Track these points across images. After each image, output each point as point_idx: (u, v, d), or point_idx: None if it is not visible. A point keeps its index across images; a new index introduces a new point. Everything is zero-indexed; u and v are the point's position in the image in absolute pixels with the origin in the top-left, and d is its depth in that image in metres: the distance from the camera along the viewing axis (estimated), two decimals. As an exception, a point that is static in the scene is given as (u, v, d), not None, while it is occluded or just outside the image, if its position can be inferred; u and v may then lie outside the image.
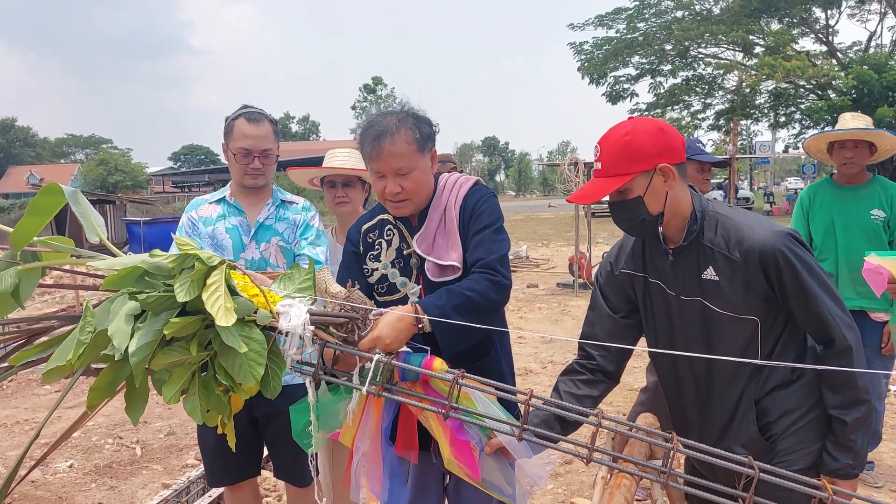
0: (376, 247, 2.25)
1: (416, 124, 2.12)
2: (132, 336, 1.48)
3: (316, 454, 1.95)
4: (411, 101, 2.19)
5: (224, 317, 1.51)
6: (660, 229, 1.97)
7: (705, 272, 1.95)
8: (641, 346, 2.22)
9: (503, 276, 2.06)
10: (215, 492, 3.81)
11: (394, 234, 2.23)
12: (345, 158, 3.25)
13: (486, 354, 2.20)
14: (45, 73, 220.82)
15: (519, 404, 1.78)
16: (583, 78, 27.23)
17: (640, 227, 1.98)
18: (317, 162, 3.68)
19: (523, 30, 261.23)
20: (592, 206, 12.49)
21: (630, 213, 1.95)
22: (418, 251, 2.16)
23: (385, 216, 2.27)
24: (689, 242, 1.97)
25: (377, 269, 2.23)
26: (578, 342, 2.19)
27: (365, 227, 2.30)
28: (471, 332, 1.91)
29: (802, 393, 1.98)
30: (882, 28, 28.22)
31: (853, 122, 3.90)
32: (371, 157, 2.11)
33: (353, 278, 2.15)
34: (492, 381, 1.79)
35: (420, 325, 1.91)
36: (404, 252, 2.20)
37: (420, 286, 2.17)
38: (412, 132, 2.10)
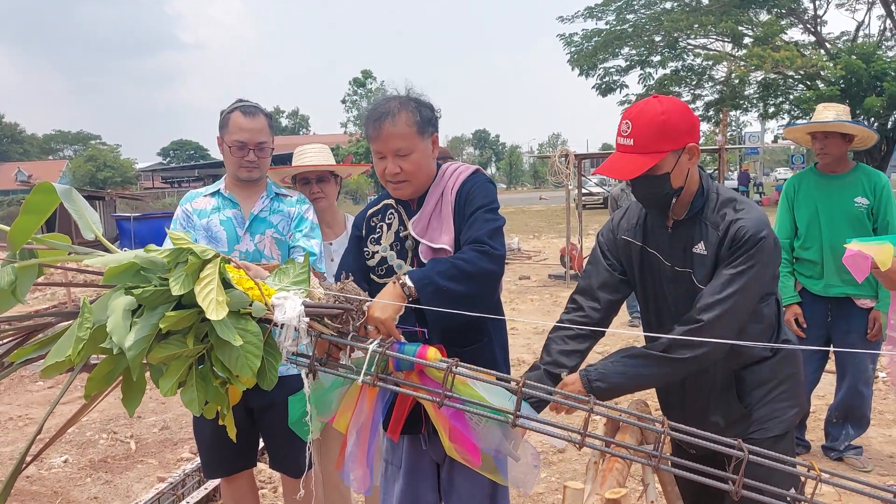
0: (377, 230, 2.31)
1: (417, 108, 2.17)
2: (130, 331, 1.49)
3: (310, 446, 1.97)
4: (415, 88, 2.25)
5: (215, 310, 1.53)
6: (673, 201, 2.07)
7: (696, 246, 2.07)
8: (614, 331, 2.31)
9: (492, 247, 2.08)
10: (211, 484, 3.83)
11: (394, 218, 2.28)
12: (315, 154, 3.28)
13: (477, 340, 2.23)
14: (31, 70, 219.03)
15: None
16: (573, 70, 27.19)
17: (661, 200, 2.08)
18: (283, 160, 3.69)
19: (513, 22, 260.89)
20: (583, 198, 12.54)
21: (655, 188, 2.06)
22: (413, 234, 2.21)
23: (389, 201, 2.32)
24: (690, 217, 2.09)
25: (377, 252, 2.28)
26: (572, 298, 2.32)
27: (370, 211, 2.37)
28: (457, 301, 1.93)
29: (776, 367, 2.13)
30: (870, 18, 28.33)
31: (824, 112, 3.94)
32: (372, 137, 2.17)
33: (349, 268, 2.18)
34: (485, 370, 1.81)
35: (403, 286, 1.94)
36: (401, 234, 2.25)
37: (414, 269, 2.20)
38: (413, 115, 2.15)
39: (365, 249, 2.31)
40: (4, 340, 1.69)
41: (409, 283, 1.95)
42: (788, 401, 2.15)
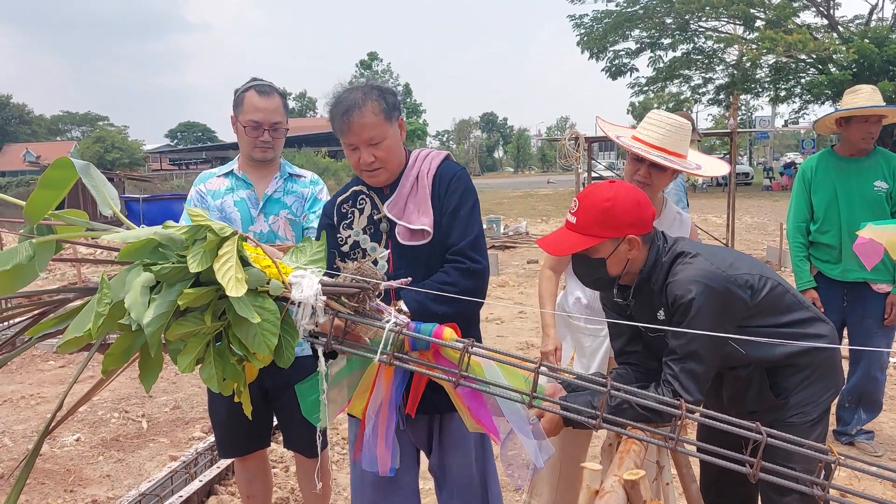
0: (349, 216, 2.32)
1: (381, 95, 2.18)
2: (148, 307, 1.49)
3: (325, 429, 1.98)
4: (375, 81, 2.28)
5: (235, 287, 1.52)
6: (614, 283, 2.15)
7: (659, 312, 2.11)
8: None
9: (471, 261, 2.15)
10: (223, 463, 3.85)
11: (366, 203, 2.30)
12: None
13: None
14: (39, 52, 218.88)
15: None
16: (582, 52, 27.03)
17: (597, 283, 2.18)
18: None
19: (522, 4, 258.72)
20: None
21: (591, 270, 2.12)
22: (389, 215, 2.23)
23: (358, 187, 2.34)
24: (640, 284, 2.13)
25: (350, 237, 2.30)
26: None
27: (339, 199, 2.38)
28: (448, 320, 1.96)
29: (813, 354, 2.16)
30: (884, 1, 27.94)
31: (875, 95, 3.86)
32: (342, 131, 2.17)
33: (332, 251, 2.21)
34: (502, 350, 1.81)
35: (399, 311, 1.96)
36: (375, 218, 2.27)
37: (388, 251, 2.23)
38: (378, 103, 2.16)
39: (338, 235, 2.32)
40: (20, 319, 1.69)
41: (405, 308, 2.00)
42: (825, 383, 2.18)
